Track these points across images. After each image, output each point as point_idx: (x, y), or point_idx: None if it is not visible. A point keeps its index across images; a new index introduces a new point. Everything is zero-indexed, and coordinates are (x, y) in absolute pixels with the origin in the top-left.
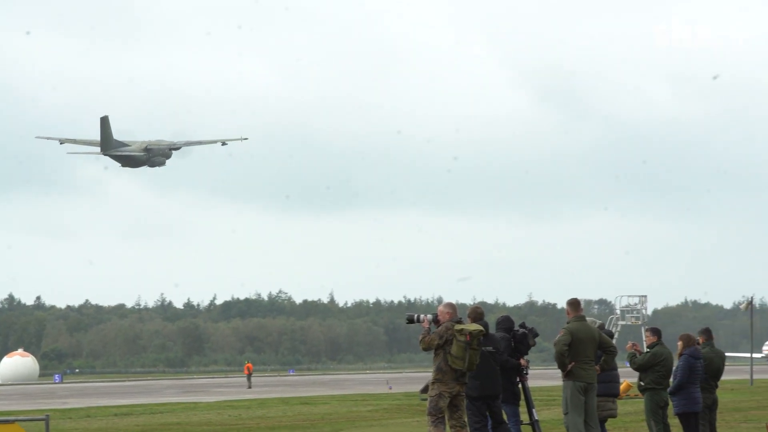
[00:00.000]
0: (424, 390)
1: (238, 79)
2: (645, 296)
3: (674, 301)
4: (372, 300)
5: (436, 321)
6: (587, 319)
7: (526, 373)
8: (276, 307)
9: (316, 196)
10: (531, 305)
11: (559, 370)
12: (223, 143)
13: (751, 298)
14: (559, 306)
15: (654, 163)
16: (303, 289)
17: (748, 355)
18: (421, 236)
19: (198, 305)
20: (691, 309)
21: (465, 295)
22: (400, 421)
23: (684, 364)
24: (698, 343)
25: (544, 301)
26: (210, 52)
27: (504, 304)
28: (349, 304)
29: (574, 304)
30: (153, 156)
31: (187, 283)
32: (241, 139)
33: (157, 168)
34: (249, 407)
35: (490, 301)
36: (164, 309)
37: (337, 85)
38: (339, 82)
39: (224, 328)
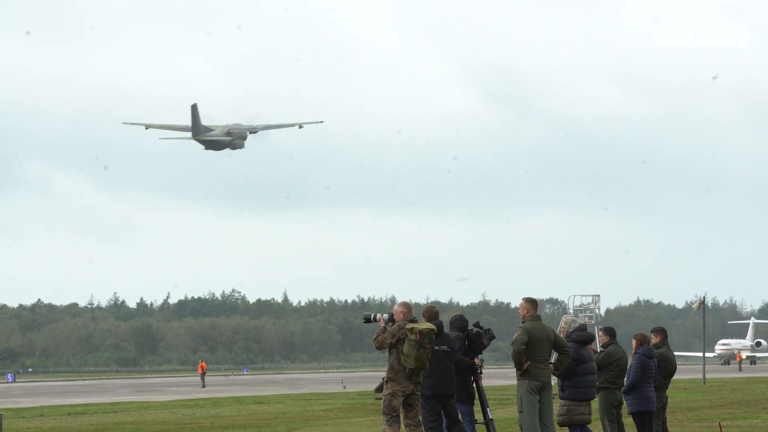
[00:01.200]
0: (379, 389)
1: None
2: (598, 296)
3: (627, 300)
4: (326, 299)
5: (392, 320)
6: (571, 317)
7: (480, 373)
8: (229, 306)
9: (269, 195)
10: (484, 304)
11: (512, 369)
12: (300, 126)
13: (703, 297)
14: (512, 305)
15: (603, 162)
16: (256, 288)
17: (701, 354)
18: (374, 236)
19: (151, 304)
20: (644, 308)
21: (419, 295)
22: (355, 420)
23: (637, 363)
24: (655, 342)
25: (497, 300)
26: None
27: (458, 303)
28: (302, 304)
29: (530, 303)
30: (234, 139)
31: (141, 282)
32: (317, 122)
33: (108, 169)
34: (203, 406)
35: (444, 300)
36: (117, 308)
37: (281, 83)
38: (282, 78)
39: (178, 327)
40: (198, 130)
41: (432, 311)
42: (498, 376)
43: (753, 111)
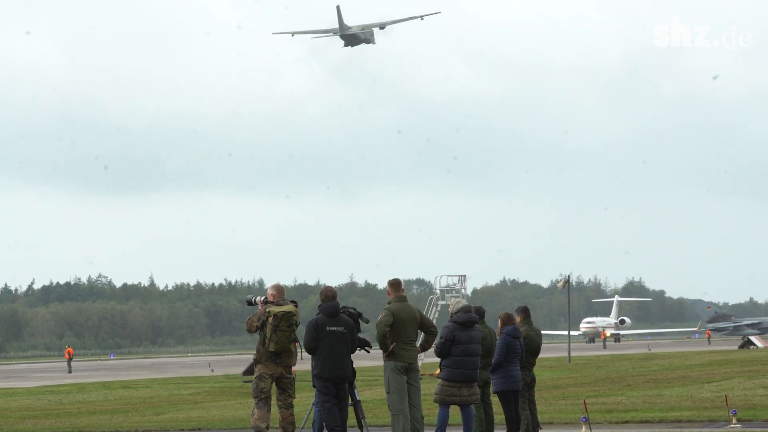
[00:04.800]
0: (247, 372)
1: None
2: (464, 276)
3: (493, 280)
4: (193, 283)
5: (266, 302)
6: (458, 298)
7: (368, 350)
8: (96, 290)
9: (133, 177)
10: (352, 286)
11: (379, 350)
12: (421, 18)
13: (568, 276)
14: (380, 287)
15: (460, 141)
16: (123, 272)
17: (566, 332)
18: (240, 218)
19: (16, 290)
20: (510, 288)
21: (286, 277)
22: (223, 403)
23: (502, 343)
24: (516, 322)
25: (366, 281)
26: None
27: (325, 285)
28: (169, 287)
29: (394, 284)
30: (368, 35)
31: (4, 268)
32: (436, 13)
33: None
34: (69, 392)
35: (312, 282)
36: None
37: (125, 62)
38: (128, 60)
39: (43, 313)
40: (343, 28)
41: (327, 294)
42: (364, 356)
43: (604, 88)
